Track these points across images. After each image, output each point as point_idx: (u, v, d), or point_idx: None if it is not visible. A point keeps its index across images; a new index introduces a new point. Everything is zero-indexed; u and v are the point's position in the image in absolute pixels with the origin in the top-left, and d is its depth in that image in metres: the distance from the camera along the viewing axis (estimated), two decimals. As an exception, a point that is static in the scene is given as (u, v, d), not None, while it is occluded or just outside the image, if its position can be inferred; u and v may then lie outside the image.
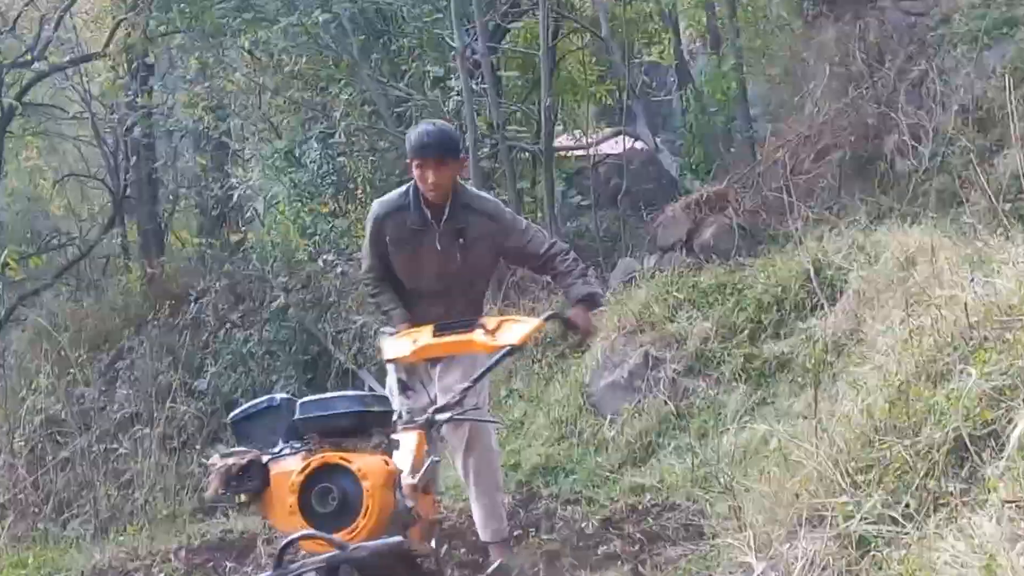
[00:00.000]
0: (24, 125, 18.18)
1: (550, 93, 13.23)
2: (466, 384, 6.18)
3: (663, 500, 7.41)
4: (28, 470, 9.76)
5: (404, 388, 6.34)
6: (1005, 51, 10.07)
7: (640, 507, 7.39)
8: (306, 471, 5.03)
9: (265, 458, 5.24)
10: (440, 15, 13.12)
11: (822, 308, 8.43)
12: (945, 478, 4.96)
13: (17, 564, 7.91)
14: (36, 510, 9.24)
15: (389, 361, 6.48)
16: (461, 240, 6.93)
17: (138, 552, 8.03)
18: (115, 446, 10.90)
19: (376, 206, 7.22)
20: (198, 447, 11.45)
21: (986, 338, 5.45)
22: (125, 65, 16.41)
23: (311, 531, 4.89)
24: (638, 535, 7.11)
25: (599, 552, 7.09)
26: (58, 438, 11.09)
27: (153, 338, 13.97)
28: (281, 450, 5.34)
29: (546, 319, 6.89)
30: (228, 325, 13.32)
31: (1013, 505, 4.23)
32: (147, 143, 16.94)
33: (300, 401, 5.37)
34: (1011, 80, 9.37)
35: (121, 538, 8.80)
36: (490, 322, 6.48)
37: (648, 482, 7.76)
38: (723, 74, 13.53)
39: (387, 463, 5.33)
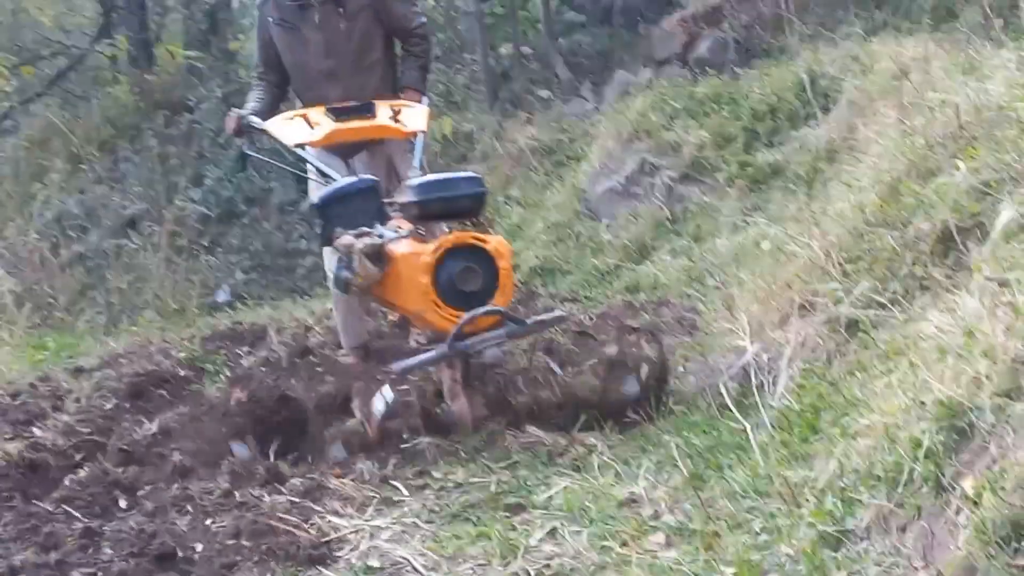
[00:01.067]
0: None
1: None
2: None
3: (658, 297, 7.57)
4: (42, 263, 9.95)
5: (324, 175, 6.42)
6: None
7: (636, 304, 7.50)
8: (439, 251, 5.39)
9: (374, 239, 5.64)
10: None
11: (816, 117, 8.40)
12: (931, 265, 5.15)
13: (38, 347, 8.18)
14: (51, 300, 9.44)
15: (297, 145, 6.53)
16: (341, 10, 6.88)
17: (151, 341, 8.26)
18: (124, 242, 11.08)
19: None
20: (206, 244, 11.69)
21: (975, 136, 5.56)
22: None
23: (490, 308, 5.40)
24: (633, 313, 7.20)
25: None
26: (69, 233, 11.27)
27: (150, 147, 13.98)
28: (383, 233, 5.70)
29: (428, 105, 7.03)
30: (222, 141, 13.18)
31: (995, 282, 4.49)
32: None
33: (415, 183, 5.75)
34: None
35: (134, 328, 9.11)
36: (382, 105, 6.65)
37: (643, 281, 7.95)
38: None
39: (503, 239, 5.71)
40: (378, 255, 5.64)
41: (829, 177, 7.33)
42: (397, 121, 6.55)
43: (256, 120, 6.72)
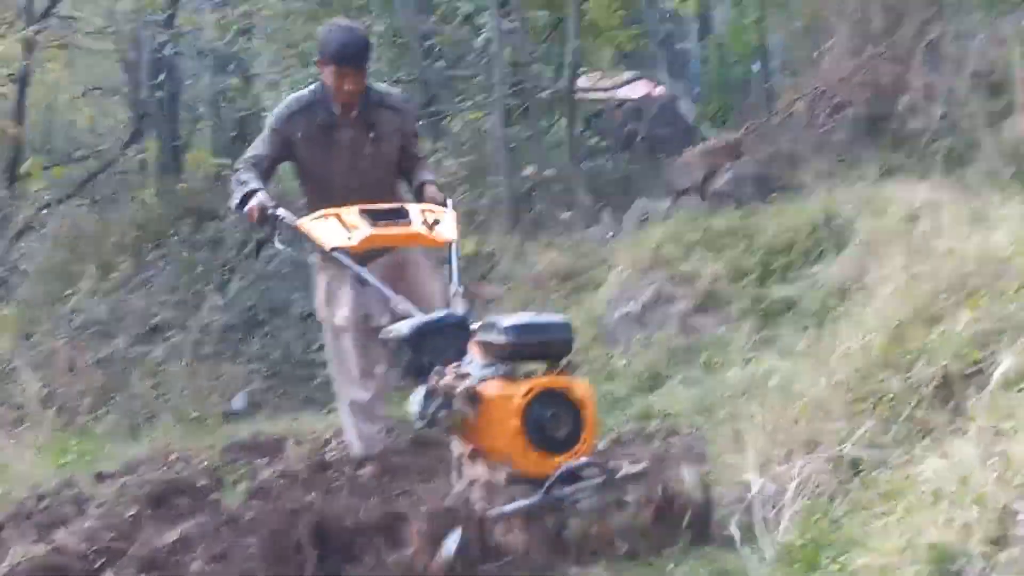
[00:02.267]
0: (48, 37, 18.24)
1: (577, 35, 13.38)
2: None
3: (669, 426, 7.52)
4: (69, 368, 9.97)
5: (362, 281, 6.36)
6: (1020, 19, 10.08)
7: (647, 431, 7.49)
8: (530, 395, 5.37)
9: (468, 382, 5.55)
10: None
11: (829, 256, 8.39)
12: (932, 410, 5.25)
13: (63, 451, 8.21)
14: (75, 404, 9.42)
15: (334, 249, 6.31)
16: (371, 135, 7.05)
17: (171, 448, 8.21)
18: (149, 348, 11.17)
19: (282, 106, 7.21)
20: (228, 355, 11.68)
21: (979, 286, 5.71)
22: None
23: (589, 460, 5.40)
24: (646, 443, 7.20)
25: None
26: (95, 337, 11.31)
27: (176, 252, 14.17)
28: (472, 374, 5.63)
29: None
30: (253, 243, 13.31)
31: (990, 430, 4.68)
32: (169, 62, 16.86)
33: (509, 323, 5.62)
34: (1021, 48, 9.70)
35: (155, 433, 9.09)
36: (415, 209, 6.59)
37: (655, 409, 7.89)
38: (745, 26, 13.60)
39: (586, 381, 5.75)
40: (472, 397, 5.57)
41: (839, 316, 7.34)
42: (432, 230, 6.51)
43: (288, 215, 6.60)
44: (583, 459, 5.39)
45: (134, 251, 14.68)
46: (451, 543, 5.32)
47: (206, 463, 7.68)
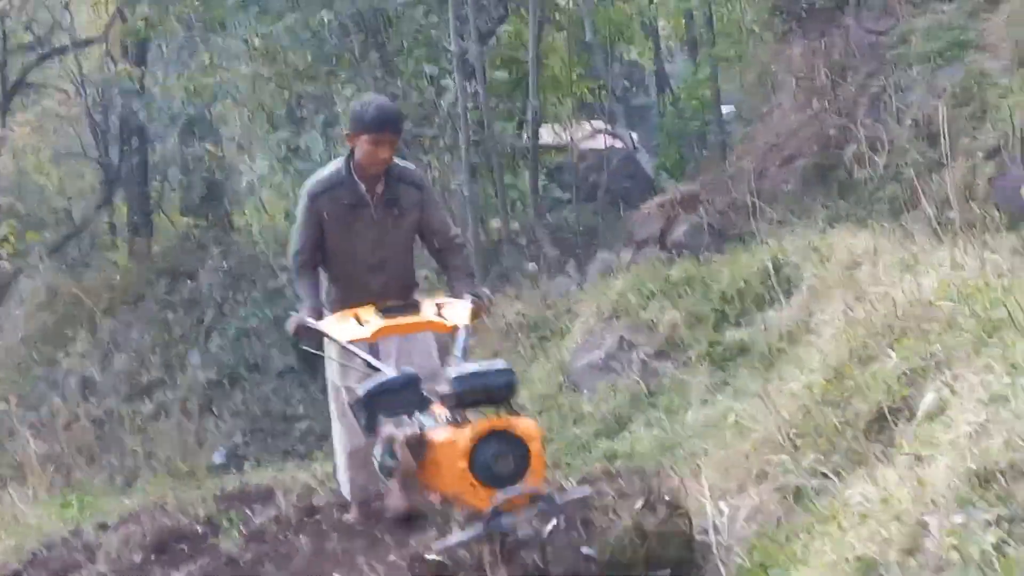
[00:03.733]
0: (19, 104, 18.36)
1: (536, 94, 13.58)
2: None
3: (633, 465, 7.60)
4: (66, 427, 10.10)
5: (371, 366, 6.52)
6: (955, 72, 10.39)
7: (612, 471, 7.52)
8: (475, 435, 5.50)
9: (415, 429, 5.86)
10: (435, 17, 13.28)
11: (778, 301, 8.59)
12: (867, 440, 5.65)
13: (65, 505, 8.33)
14: (70, 463, 9.48)
15: (351, 342, 6.58)
16: (396, 211, 7.21)
17: (166, 499, 8.27)
18: (137, 405, 11.32)
19: (310, 185, 7.31)
20: (211, 410, 11.84)
21: (907, 328, 6.11)
22: (120, 49, 16.58)
23: (521, 489, 5.43)
24: (610, 493, 6.99)
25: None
26: (87, 398, 11.42)
27: (151, 313, 14.36)
28: (423, 424, 5.91)
29: (472, 302, 7.00)
30: (229, 301, 13.59)
31: (913, 458, 5.14)
32: (138, 125, 17.01)
33: (453, 375, 5.77)
34: (956, 99, 10.05)
35: (148, 486, 9.30)
36: (427, 303, 6.88)
37: (620, 450, 8.07)
38: (699, 81, 13.92)
39: (534, 423, 5.76)
40: (419, 443, 5.84)
41: (787, 358, 7.54)
42: (440, 315, 6.72)
43: (311, 322, 6.87)
44: (519, 488, 5.51)
45: (112, 312, 14.85)
46: None
47: (201, 512, 7.84)
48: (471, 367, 6.02)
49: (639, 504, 6.29)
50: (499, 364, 6.11)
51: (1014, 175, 9.13)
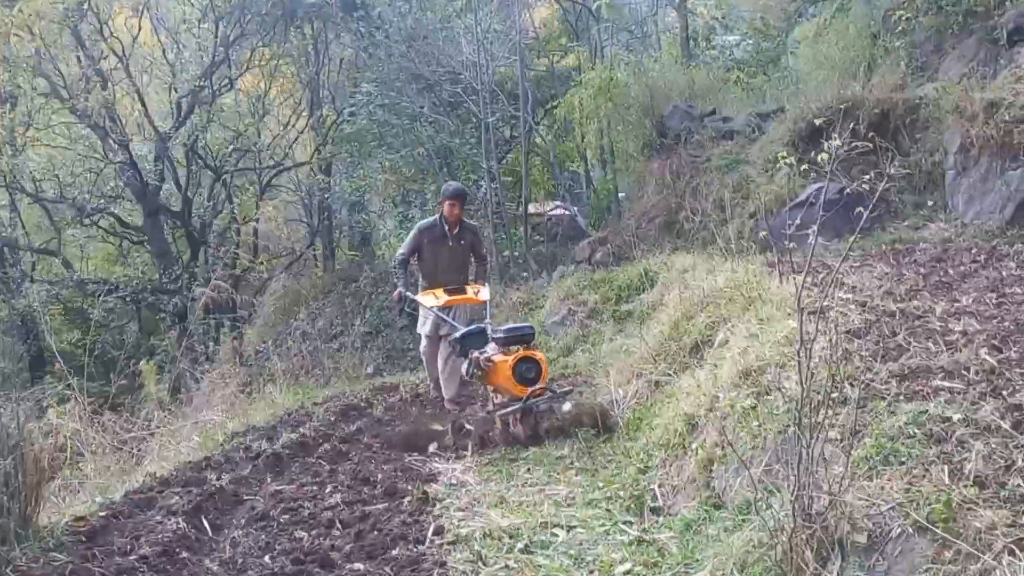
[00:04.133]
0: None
1: (527, 188, 13.55)
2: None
3: (575, 371, 7.76)
4: (294, 355, 9.97)
5: (444, 320, 6.80)
6: (734, 175, 10.25)
7: (566, 375, 7.66)
8: (516, 358, 5.83)
9: (486, 354, 6.07)
10: (475, 149, 13.30)
11: (647, 290, 8.59)
12: (690, 357, 5.77)
13: (295, 394, 8.34)
14: (296, 374, 9.39)
15: (432, 307, 6.82)
16: (462, 242, 7.25)
17: (345, 391, 8.38)
18: (330, 344, 11.30)
19: (422, 224, 7.30)
20: (366, 347, 11.72)
21: (709, 302, 6.20)
22: (318, 165, 16.33)
23: (541, 386, 5.71)
24: (568, 383, 7.08)
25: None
26: (307, 340, 11.21)
27: (336, 299, 14.26)
28: (489, 352, 6.08)
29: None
30: (374, 293, 13.43)
31: (712, 365, 5.32)
32: (327, 205, 16.63)
33: (504, 329, 6.10)
34: (735, 189, 9.89)
35: (337, 385, 9.21)
36: (470, 288, 7.05)
37: (569, 364, 8.12)
38: (607, 180, 13.67)
39: (543, 354, 6.06)
40: (488, 361, 6.09)
41: (651, 318, 7.52)
42: (477, 295, 6.98)
43: (409, 295, 6.99)
44: (539, 386, 5.80)
45: (315, 299, 14.77)
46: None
47: (364, 395, 7.90)
48: (514, 326, 6.34)
49: (579, 393, 6.40)
50: (527, 323, 6.63)
51: (761, 227, 9.11)
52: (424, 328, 7.33)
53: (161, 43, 14.37)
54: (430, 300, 6.81)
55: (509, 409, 5.82)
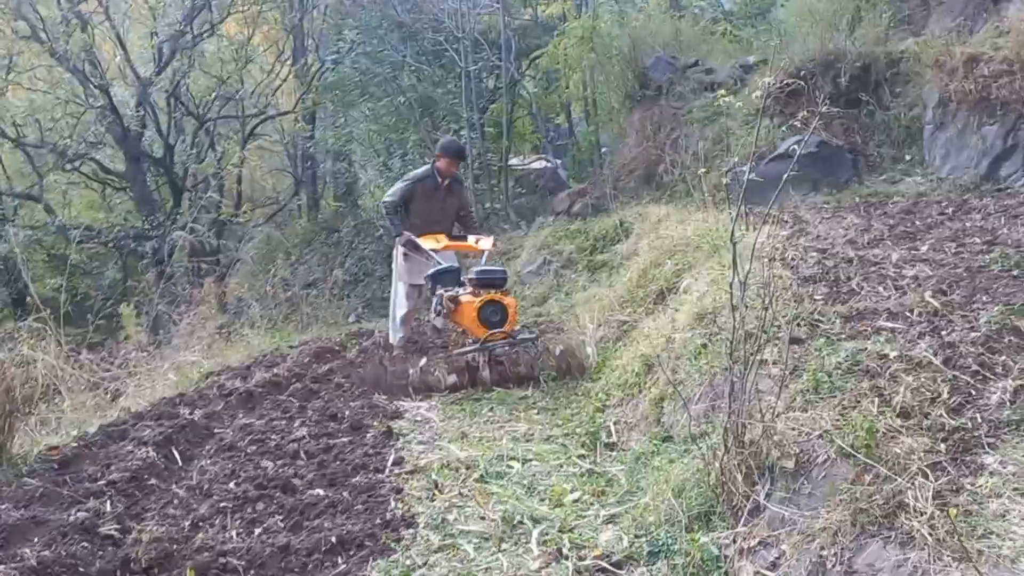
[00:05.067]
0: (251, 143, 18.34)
1: (509, 138, 13.58)
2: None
3: (548, 318, 7.87)
4: (272, 300, 10.04)
5: (435, 260, 6.68)
6: (713, 128, 10.25)
7: (538, 322, 7.78)
8: (482, 300, 5.91)
9: (455, 293, 6.11)
10: (457, 99, 13.27)
11: (621, 240, 8.69)
12: (654, 304, 5.94)
13: (271, 338, 8.37)
14: (274, 318, 9.44)
15: (432, 250, 6.74)
16: (451, 195, 7.27)
17: (321, 336, 8.46)
18: (309, 291, 11.06)
19: (414, 175, 7.27)
20: (346, 295, 11.84)
21: (677, 249, 6.38)
22: (302, 115, 16.03)
23: (502, 330, 5.76)
24: (537, 330, 7.16)
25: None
26: (285, 286, 11.22)
27: (318, 249, 14.26)
28: (459, 292, 6.12)
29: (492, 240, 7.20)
30: (355, 241, 13.47)
31: (674, 309, 5.47)
32: (310, 155, 16.55)
33: (475, 271, 6.12)
34: (714, 142, 9.95)
35: (314, 331, 9.30)
36: (471, 237, 7.07)
37: (543, 312, 8.23)
38: (589, 133, 13.65)
39: (514, 299, 6.11)
40: (455, 300, 6.14)
41: (624, 267, 7.66)
42: (477, 244, 6.97)
43: (414, 239, 6.86)
44: (497, 331, 5.86)
45: (297, 248, 14.77)
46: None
47: (339, 339, 7.97)
48: (486, 268, 6.37)
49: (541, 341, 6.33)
50: (499, 267, 6.59)
51: (737, 177, 9.21)
52: (403, 274, 7.32)
53: (141, -14, 14.22)
54: (430, 243, 6.80)
55: (465, 349, 5.91)
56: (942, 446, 2.84)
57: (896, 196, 8.37)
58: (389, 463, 4.09)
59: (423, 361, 6.05)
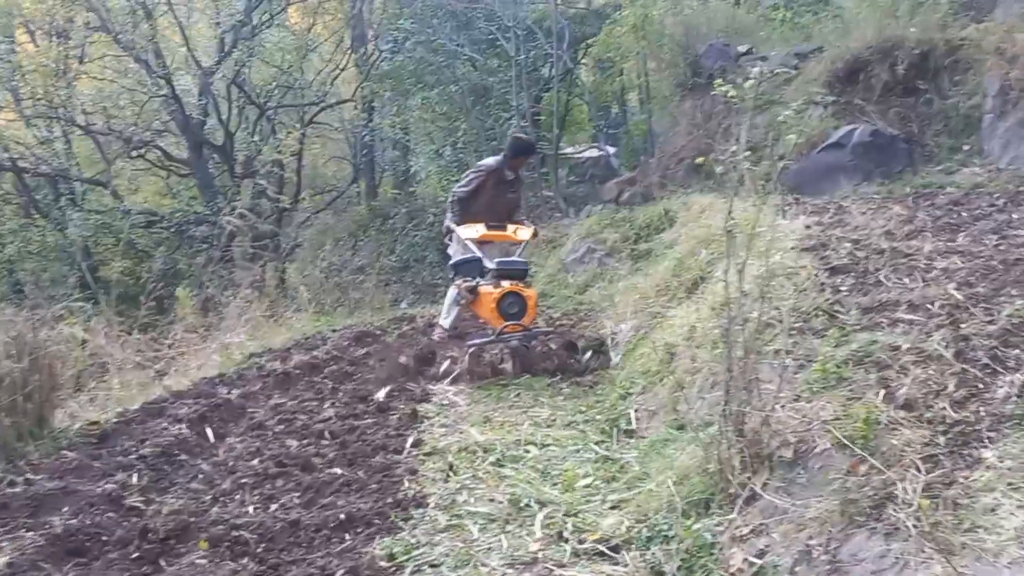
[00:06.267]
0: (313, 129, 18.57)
1: (561, 128, 13.52)
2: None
3: (589, 306, 7.91)
4: (321, 285, 10.22)
5: (472, 250, 6.54)
6: (767, 116, 9.87)
7: (579, 310, 7.91)
8: (501, 292, 5.88)
9: (474, 284, 6.07)
10: (509, 87, 13.21)
11: (666, 229, 8.52)
12: (690, 294, 5.86)
13: (317, 321, 8.61)
14: (323, 302, 9.63)
15: (468, 238, 6.60)
16: (514, 188, 7.26)
17: (366, 321, 8.66)
18: (359, 276, 11.22)
19: (484, 164, 7.26)
20: (397, 282, 11.98)
21: (713, 238, 6.29)
22: (361, 104, 16.30)
23: (518, 323, 5.72)
24: (576, 318, 7.58)
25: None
26: (333, 271, 11.46)
27: (372, 236, 14.39)
28: (479, 282, 6.06)
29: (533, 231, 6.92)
30: (409, 227, 13.52)
31: (708, 299, 5.42)
32: (368, 143, 16.58)
33: (496, 262, 6.05)
34: (767, 130, 10.10)
35: (361, 314, 9.42)
36: (510, 227, 6.89)
37: (584, 300, 8.24)
38: (642, 121, 13.55)
39: (535, 291, 6.09)
40: (473, 290, 6.11)
41: (666, 255, 7.50)
42: (516, 234, 6.78)
43: (455, 227, 6.78)
44: (512, 323, 5.79)
45: (354, 235, 14.93)
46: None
47: (381, 325, 8.13)
48: (507, 259, 6.32)
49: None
50: (521, 260, 6.45)
51: (788, 170, 9.05)
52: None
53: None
54: (468, 232, 6.72)
55: (480, 341, 5.87)
56: (941, 439, 2.81)
57: (951, 187, 8.16)
58: (408, 445, 4.18)
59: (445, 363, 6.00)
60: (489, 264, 6.32)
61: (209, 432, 4.59)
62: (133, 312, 7.42)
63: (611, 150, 14.82)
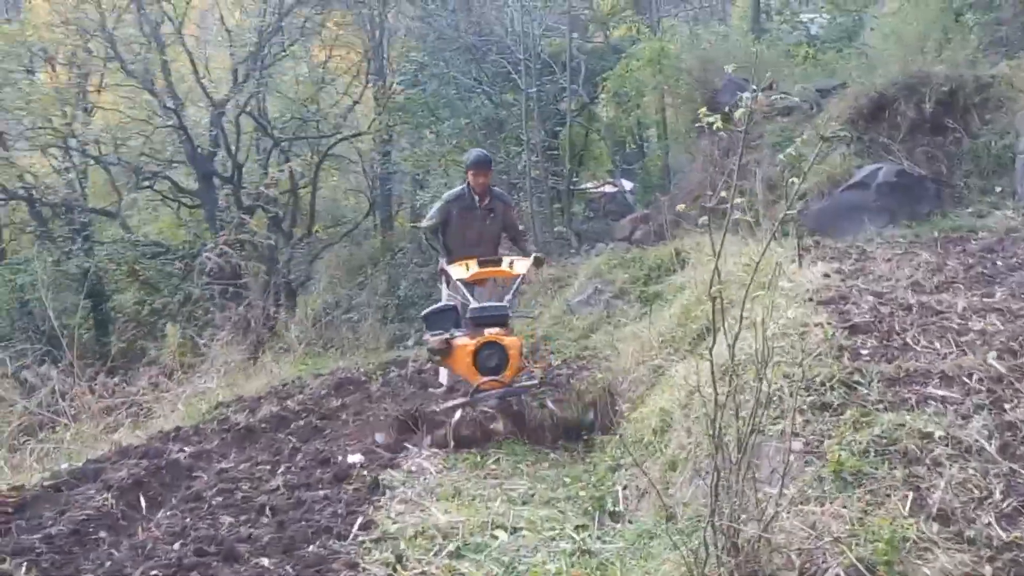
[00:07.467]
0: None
1: (572, 161, 13.05)
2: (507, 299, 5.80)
3: (593, 350, 7.39)
4: (313, 324, 9.46)
5: (471, 293, 6.01)
6: (788, 150, 9.97)
7: (584, 354, 7.38)
8: (477, 343, 5.18)
9: (447, 336, 5.32)
10: (519, 123, 12.83)
11: (676, 271, 8.08)
12: (694, 347, 5.38)
13: (302, 365, 8.07)
14: (315, 345, 9.06)
15: (459, 279, 6.03)
16: (492, 214, 6.65)
17: (357, 362, 8.13)
18: (352, 315, 10.81)
19: (449, 194, 6.81)
20: (398, 320, 11.42)
21: (724, 285, 5.91)
22: (376, 136, 15.52)
23: (495, 377, 5.05)
24: (581, 363, 7.06)
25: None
26: (325, 311, 10.89)
27: (383, 269, 13.97)
28: (454, 333, 5.35)
29: (532, 260, 6.24)
30: (417, 261, 13.11)
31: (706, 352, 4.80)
32: (385, 175, 15.95)
33: (472, 308, 5.47)
34: (785, 167, 9.69)
35: (353, 356, 8.86)
36: (506, 259, 6.21)
37: (588, 345, 7.73)
38: (658, 156, 13.30)
39: (518, 340, 5.39)
40: (447, 345, 5.33)
41: (675, 300, 6.95)
42: (512, 267, 6.11)
43: (446, 268, 6.29)
44: (488, 379, 5.13)
45: (365, 269, 14.52)
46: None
47: (364, 370, 7.50)
48: (483, 305, 5.69)
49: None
50: (501, 304, 5.75)
51: (809, 211, 8.62)
52: (446, 298, 6.69)
53: (220, 8, 14.28)
54: (459, 271, 6.14)
55: (451, 404, 5.21)
56: (987, 568, 2.16)
57: (982, 231, 7.67)
58: (355, 528, 3.56)
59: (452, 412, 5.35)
60: (465, 312, 5.69)
61: (143, 502, 3.99)
62: (104, 353, 6.88)
63: (628, 185, 14.47)
